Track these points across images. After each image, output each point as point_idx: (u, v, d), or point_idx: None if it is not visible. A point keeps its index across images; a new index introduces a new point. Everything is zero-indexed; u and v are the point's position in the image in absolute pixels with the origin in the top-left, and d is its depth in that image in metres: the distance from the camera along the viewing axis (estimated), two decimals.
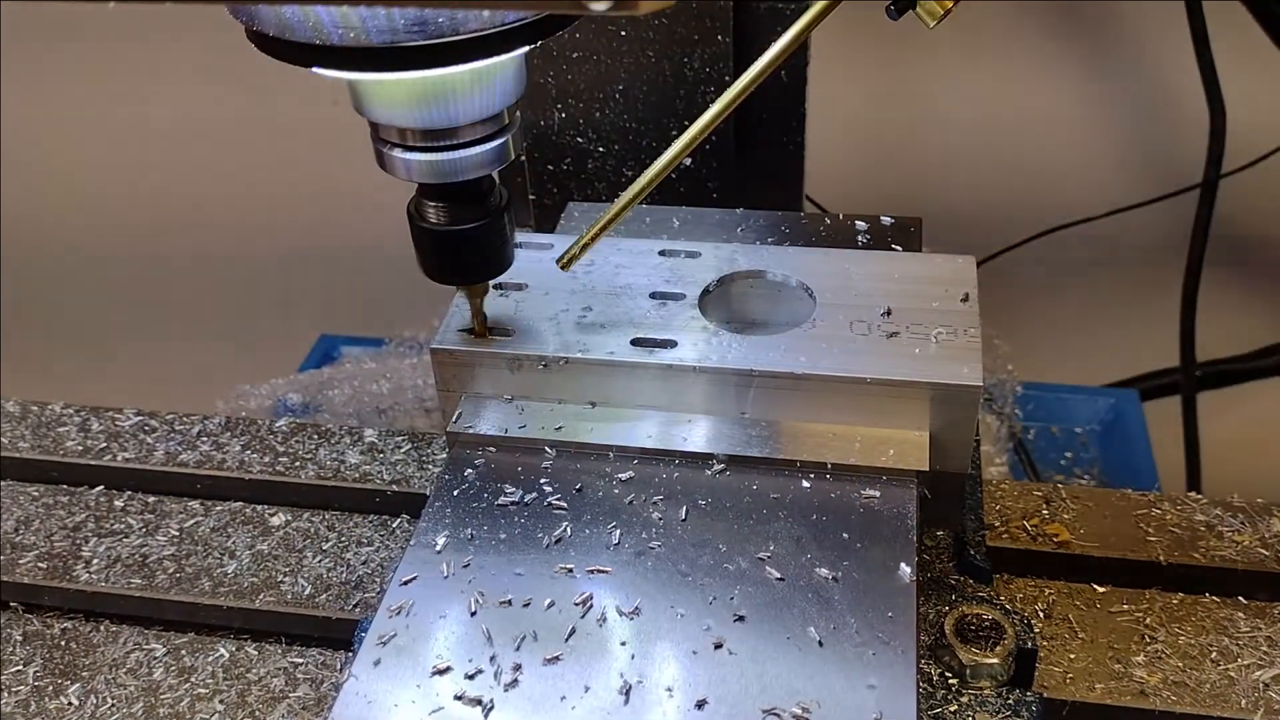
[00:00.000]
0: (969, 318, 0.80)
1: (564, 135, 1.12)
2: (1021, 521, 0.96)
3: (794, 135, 1.20)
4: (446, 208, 0.71)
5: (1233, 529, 0.94)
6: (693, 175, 1.17)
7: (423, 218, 0.72)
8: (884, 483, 0.77)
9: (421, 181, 0.69)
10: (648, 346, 0.77)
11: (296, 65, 0.62)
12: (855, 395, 0.76)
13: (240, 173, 1.94)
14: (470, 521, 0.73)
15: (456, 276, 0.77)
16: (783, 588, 0.72)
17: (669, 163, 0.79)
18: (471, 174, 0.69)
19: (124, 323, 2.12)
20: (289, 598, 0.92)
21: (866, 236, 0.96)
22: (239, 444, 1.03)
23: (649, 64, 1.05)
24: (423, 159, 0.67)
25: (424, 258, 0.74)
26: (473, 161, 0.68)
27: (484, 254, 0.74)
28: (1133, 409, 1.57)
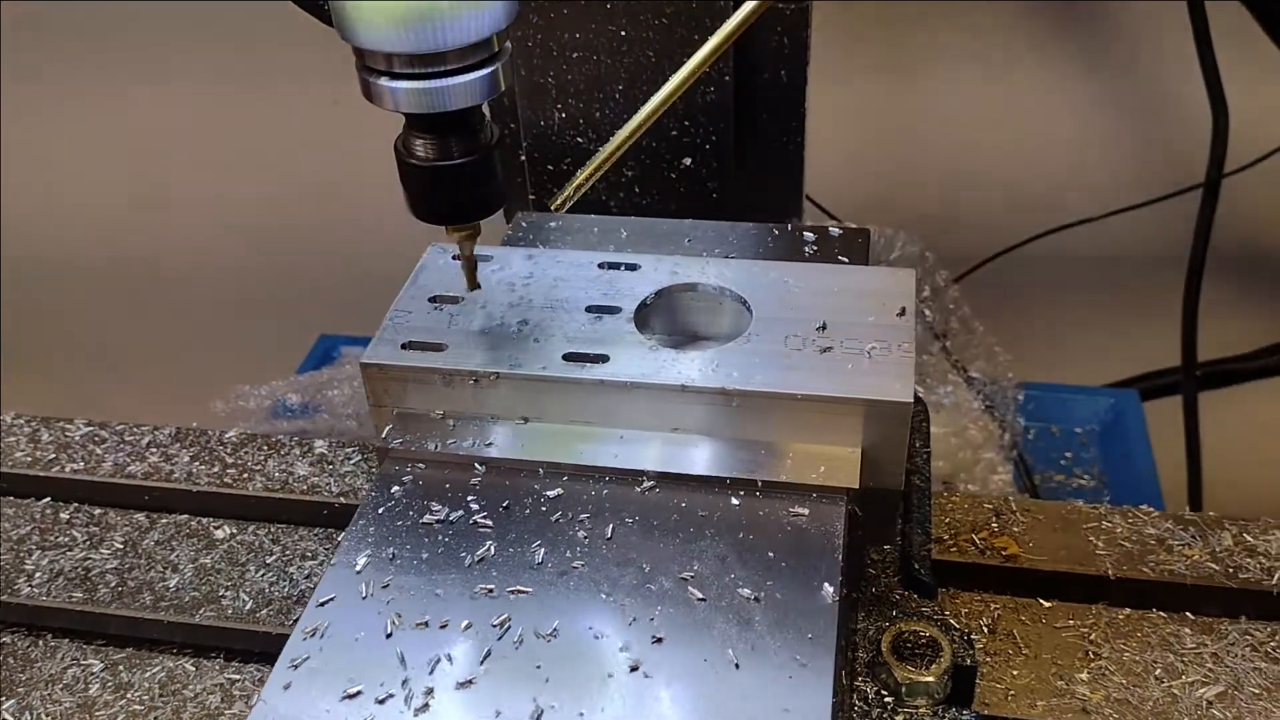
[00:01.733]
0: (904, 332, 0.78)
1: (564, 135, 1.12)
2: (970, 534, 0.95)
3: (794, 135, 1.19)
4: (435, 141, 0.69)
5: (1183, 543, 0.93)
6: (693, 175, 1.17)
7: (410, 153, 0.70)
8: (813, 500, 0.76)
9: (409, 112, 0.67)
10: (580, 361, 0.76)
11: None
12: (787, 411, 0.75)
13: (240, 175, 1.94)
14: (393, 540, 0.72)
15: (446, 215, 0.73)
16: (704, 609, 0.71)
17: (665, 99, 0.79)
18: (461, 103, 0.66)
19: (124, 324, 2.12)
20: (229, 612, 0.92)
21: (814, 248, 0.94)
22: (188, 455, 1.03)
23: (649, 64, 1.05)
24: (410, 87, 0.65)
25: (412, 196, 0.72)
26: (462, 90, 0.65)
27: (475, 191, 0.72)
28: (1133, 409, 1.58)
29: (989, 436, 1.37)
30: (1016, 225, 1.70)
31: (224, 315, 2.07)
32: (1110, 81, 1.65)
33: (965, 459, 1.38)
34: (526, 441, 0.81)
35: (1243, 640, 0.88)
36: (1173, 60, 1.55)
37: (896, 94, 1.71)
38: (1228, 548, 0.92)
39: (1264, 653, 0.86)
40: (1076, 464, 1.57)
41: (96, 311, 2.11)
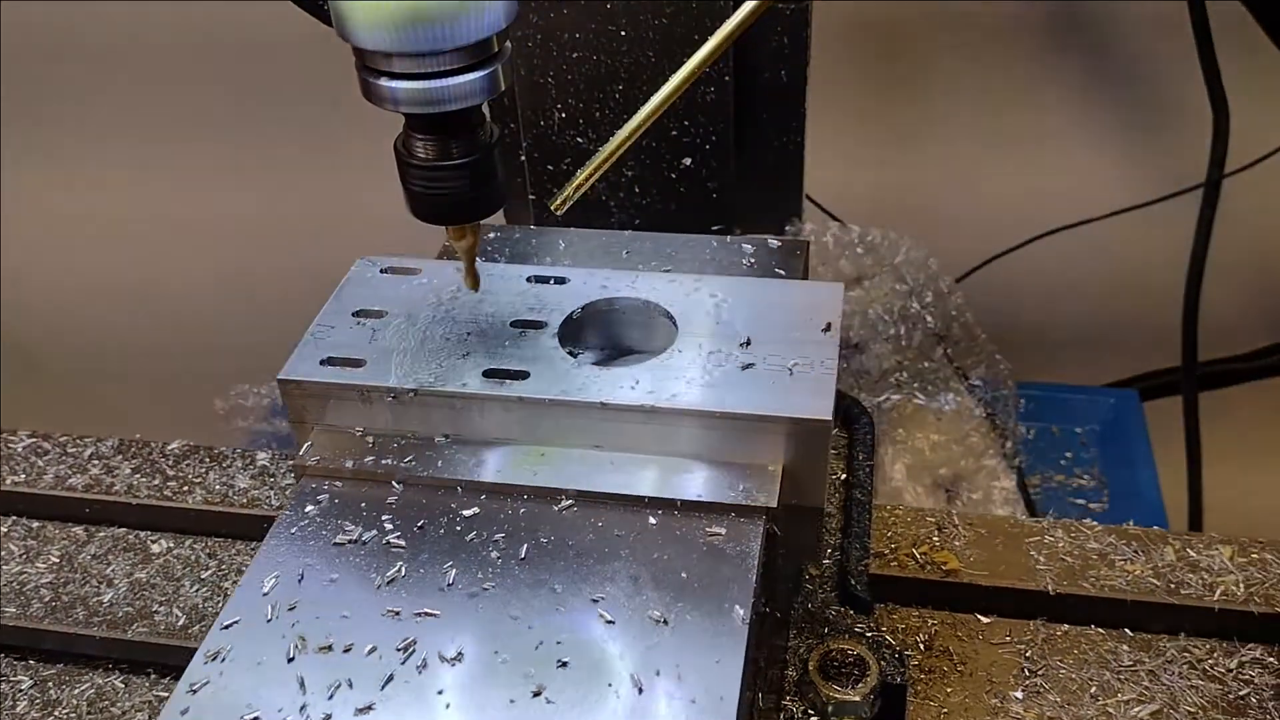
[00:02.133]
0: (828, 348, 0.78)
1: (564, 135, 1.11)
2: (911, 549, 0.94)
3: (794, 135, 1.19)
4: (435, 141, 0.69)
5: (1125, 558, 0.92)
6: (693, 175, 1.16)
7: (410, 153, 0.69)
8: (731, 519, 0.75)
9: (408, 111, 0.67)
10: (500, 378, 0.75)
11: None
12: (707, 429, 0.74)
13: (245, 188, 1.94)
14: (303, 561, 0.71)
15: (445, 215, 0.73)
16: (612, 631, 0.69)
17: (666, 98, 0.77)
18: (460, 103, 0.66)
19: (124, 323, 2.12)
20: (162, 628, 0.91)
21: (751, 260, 0.93)
22: (129, 467, 1.02)
23: (649, 64, 1.04)
24: (409, 87, 0.65)
25: (411, 196, 0.71)
26: (462, 90, 0.65)
27: (475, 191, 0.71)
28: (1133, 409, 1.58)
29: (990, 444, 1.36)
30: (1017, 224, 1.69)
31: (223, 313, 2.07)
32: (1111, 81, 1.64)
33: (967, 466, 1.37)
34: (445, 459, 0.80)
35: (1181, 658, 0.86)
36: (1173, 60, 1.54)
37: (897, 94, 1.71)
38: (1170, 563, 0.91)
39: (1202, 670, 0.85)
40: (1076, 464, 1.56)
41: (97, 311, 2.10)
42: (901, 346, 1.37)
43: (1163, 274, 1.63)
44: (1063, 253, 1.68)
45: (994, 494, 1.38)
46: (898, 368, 1.37)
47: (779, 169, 1.22)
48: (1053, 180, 1.72)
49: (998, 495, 1.38)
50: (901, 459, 1.36)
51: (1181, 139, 1.62)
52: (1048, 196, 1.72)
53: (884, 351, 1.36)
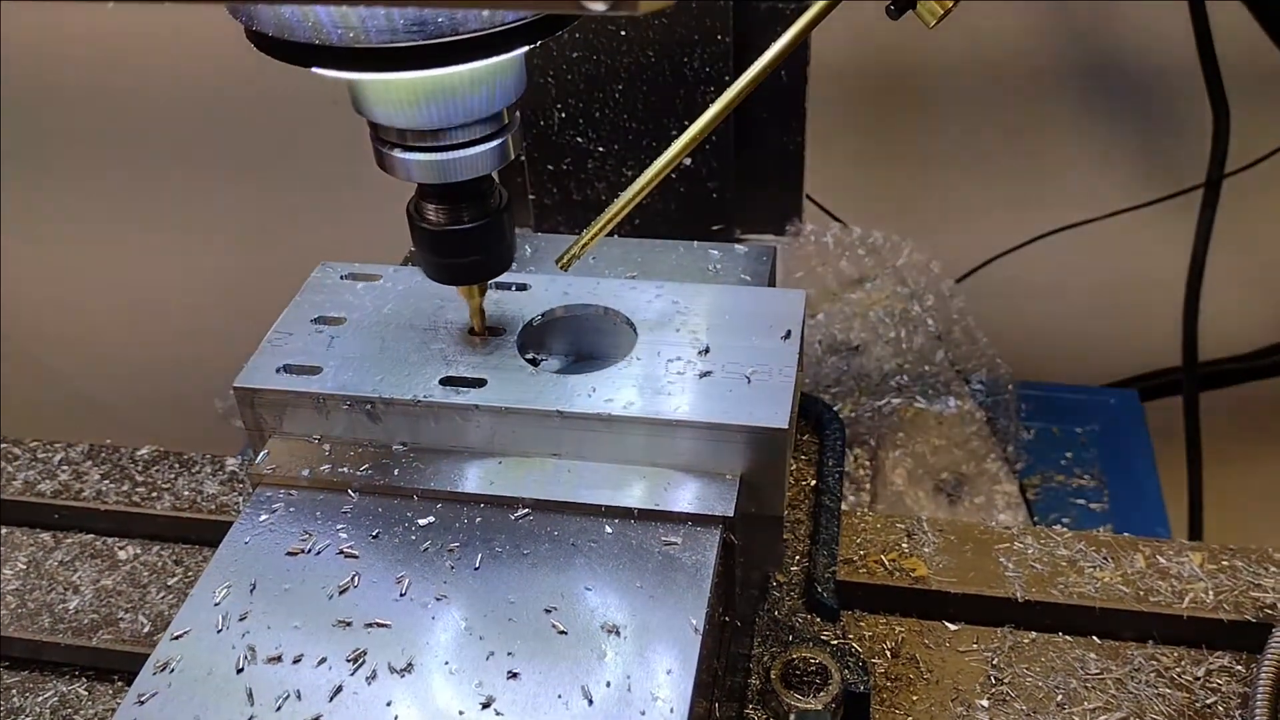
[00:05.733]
0: (787, 356, 0.76)
1: (564, 135, 1.11)
2: (880, 555, 0.93)
3: (794, 135, 1.19)
4: (446, 208, 0.70)
5: (1094, 564, 0.90)
6: (693, 175, 1.15)
7: (423, 218, 0.71)
8: (688, 528, 0.74)
9: (421, 182, 0.69)
10: (457, 386, 0.74)
11: (295, 65, 0.61)
12: (664, 437, 0.72)
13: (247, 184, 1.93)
14: (256, 570, 0.69)
15: (457, 276, 0.75)
16: (564, 642, 0.68)
17: (669, 162, 0.78)
18: (471, 174, 0.68)
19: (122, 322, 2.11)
20: (127, 635, 0.90)
21: (717, 267, 0.92)
22: (99, 473, 1.01)
23: (649, 64, 1.05)
24: (422, 159, 0.66)
25: (424, 258, 0.74)
26: (473, 162, 0.67)
27: (484, 254, 0.73)
28: (1133, 409, 1.57)
29: (992, 447, 1.35)
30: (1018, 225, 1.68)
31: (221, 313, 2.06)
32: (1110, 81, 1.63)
33: (968, 470, 1.36)
34: (402, 468, 0.78)
35: (1148, 665, 0.85)
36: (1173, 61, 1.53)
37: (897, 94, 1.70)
38: (1140, 570, 0.90)
39: (1169, 679, 0.84)
40: (1076, 464, 1.56)
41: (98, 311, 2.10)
42: (902, 349, 1.36)
43: (1163, 274, 1.62)
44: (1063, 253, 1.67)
45: (996, 498, 1.37)
46: (898, 371, 1.36)
47: (779, 169, 1.21)
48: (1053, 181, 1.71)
49: (999, 499, 1.38)
50: (902, 463, 1.35)
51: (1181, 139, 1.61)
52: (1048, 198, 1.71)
53: (885, 354, 1.35)
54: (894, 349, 1.35)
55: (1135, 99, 1.65)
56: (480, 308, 0.79)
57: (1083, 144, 1.69)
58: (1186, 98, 1.54)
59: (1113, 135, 1.68)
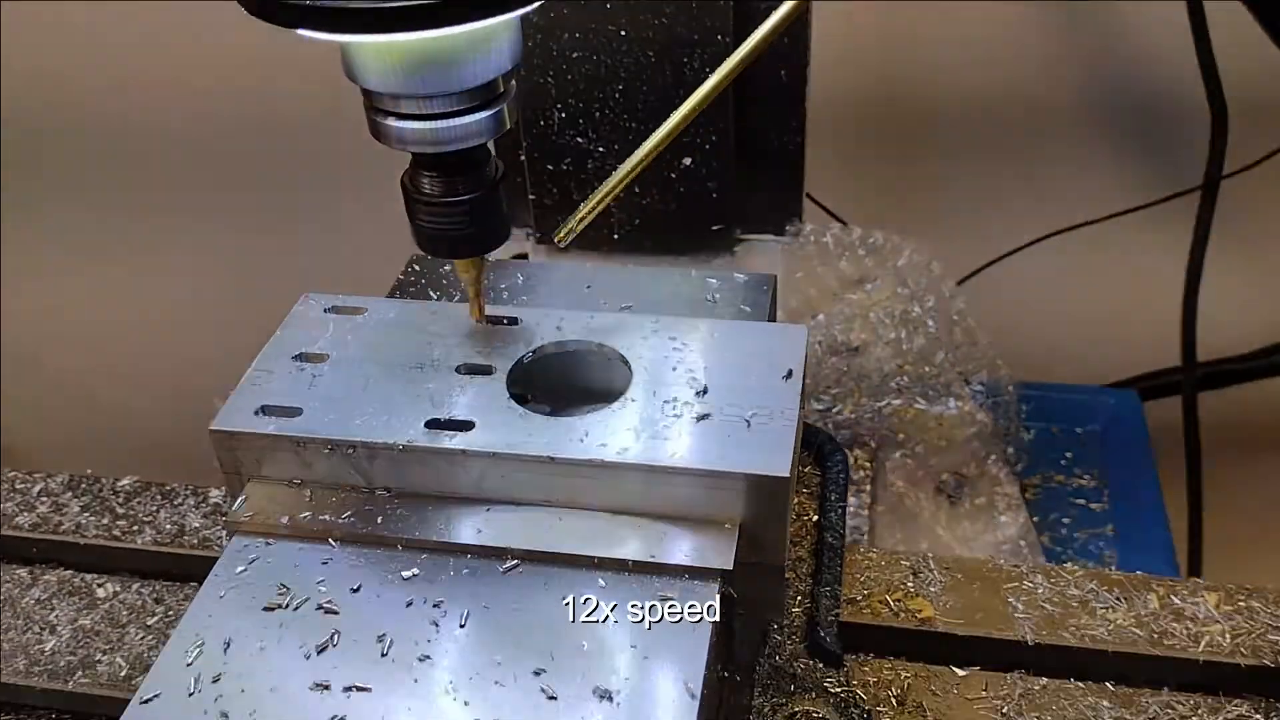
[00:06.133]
0: (789, 397, 0.72)
1: (564, 135, 1.12)
2: (885, 595, 0.89)
3: (794, 135, 1.16)
4: (441, 178, 0.68)
5: (1106, 605, 0.87)
6: (693, 175, 1.13)
7: (416, 189, 0.69)
8: (685, 581, 0.70)
9: (415, 151, 0.67)
10: (443, 429, 0.70)
11: (283, 26, 0.59)
12: (659, 485, 0.69)
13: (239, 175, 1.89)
14: (231, 626, 0.66)
15: (451, 250, 0.73)
16: (553, 709, 0.64)
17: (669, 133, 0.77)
18: (467, 143, 0.66)
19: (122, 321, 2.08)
20: (104, 679, 0.86)
21: (716, 296, 0.88)
22: (79, 505, 0.97)
23: (649, 64, 1.05)
24: (416, 127, 0.65)
25: (418, 231, 0.71)
26: (468, 129, 0.65)
27: (480, 226, 0.71)
28: (1133, 409, 1.55)
29: (992, 449, 1.33)
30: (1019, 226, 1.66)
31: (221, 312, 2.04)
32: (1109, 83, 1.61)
33: (969, 472, 1.33)
34: (385, 515, 0.74)
35: (1164, 714, 0.81)
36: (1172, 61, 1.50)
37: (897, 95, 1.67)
38: (1153, 611, 0.86)
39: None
40: (1076, 464, 1.53)
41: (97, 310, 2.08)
42: (903, 350, 1.33)
43: (1162, 275, 1.60)
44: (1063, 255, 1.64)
45: (997, 500, 1.34)
46: (899, 372, 1.33)
47: (779, 169, 1.19)
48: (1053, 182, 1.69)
49: (1000, 501, 1.35)
50: (903, 465, 1.32)
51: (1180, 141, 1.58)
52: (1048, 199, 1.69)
53: (885, 355, 1.32)
54: (894, 350, 1.33)
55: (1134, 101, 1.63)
56: (478, 289, 0.76)
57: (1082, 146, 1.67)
58: (1185, 99, 1.52)
59: (1112, 137, 1.66)
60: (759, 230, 1.26)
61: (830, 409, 1.34)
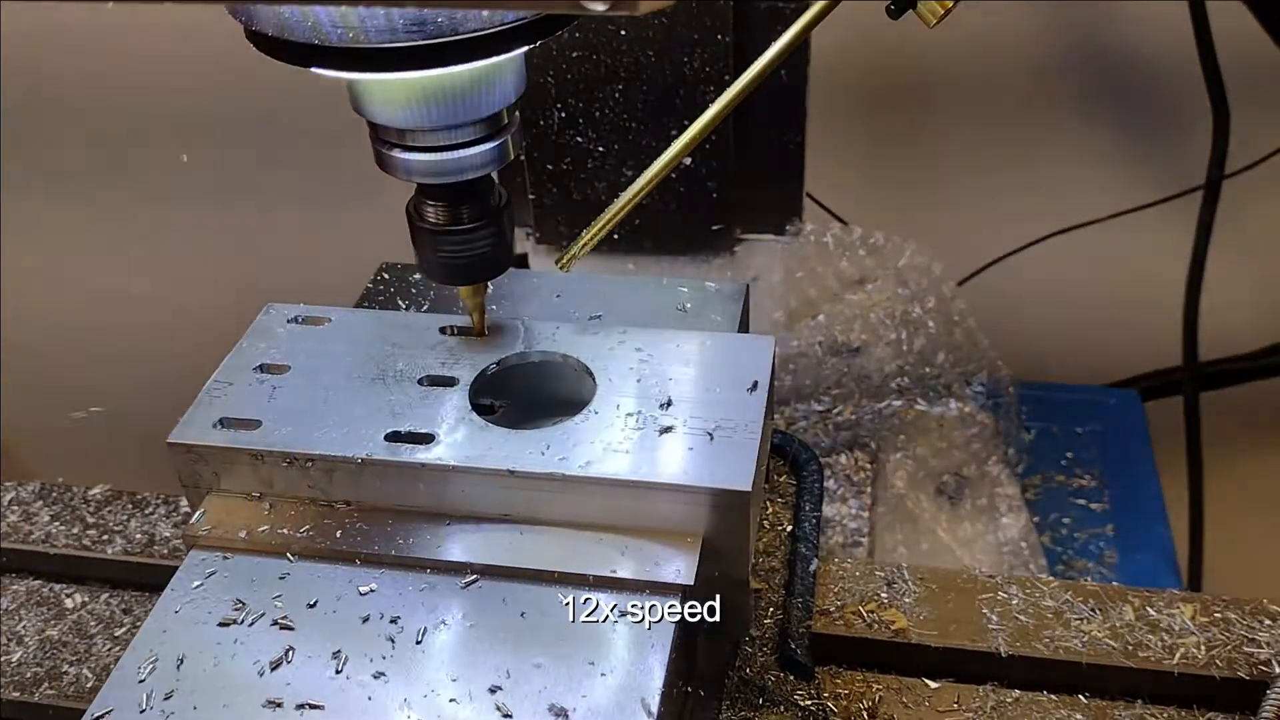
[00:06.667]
0: (753, 410, 0.71)
1: (564, 135, 1.11)
2: (858, 607, 0.88)
3: (794, 135, 1.16)
4: (445, 207, 0.69)
5: (1081, 616, 0.85)
6: (693, 175, 1.13)
7: (421, 217, 0.70)
8: (644, 597, 0.68)
9: (421, 181, 0.68)
10: (404, 442, 0.69)
11: (295, 65, 0.60)
12: (621, 499, 0.68)
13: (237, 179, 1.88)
14: (185, 642, 0.64)
15: (456, 276, 0.73)
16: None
17: (669, 162, 0.77)
18: (471, 174, 0.67)
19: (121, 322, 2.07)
20: (70, 691, 0.85)
21: (686, 305, 0.86)
22: (49, 514, 0.96)
23: (649, 64, 1.04)
24: (422, 159, 0.66)
25: (423, 258, 0.72)
26: (472, 161, 0.66)
27: (484, 254, 0.72)
28: (1133, 409, 1.55)
29: (993, 450, 1.32)
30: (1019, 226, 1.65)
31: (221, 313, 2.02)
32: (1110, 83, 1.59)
33: (970, 473, 1.32)
34: (344, 529, 0.73)
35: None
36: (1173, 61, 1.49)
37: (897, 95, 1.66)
38: (1128, 623, 0.84)
39: None
40: (1077, 464, 1.52)
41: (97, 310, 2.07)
42: (903, 351, 1.32)
43: (1163, 275, 1.59)
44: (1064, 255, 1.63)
45: (998, 501, 1.33)
46: (899, 373, 1.32)
47: (779, 169, 1.19)
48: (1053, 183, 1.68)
49: (1001, 502, 1.34)
50: (903, 465, 1.31)
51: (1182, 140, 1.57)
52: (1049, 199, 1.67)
53: (885, 356, 1.31)
54: (895, 351, 1.32)
55: (1135, 100, 1.61)
56: (481, 306, 0.77)
57: (1084, 145, 1.66)
58: (1186, 99, 1.50)
59: (1113, 137, 1.65)
60: (759, 230, 1.26)
61: (830, 410, 1.33)
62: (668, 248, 1.19)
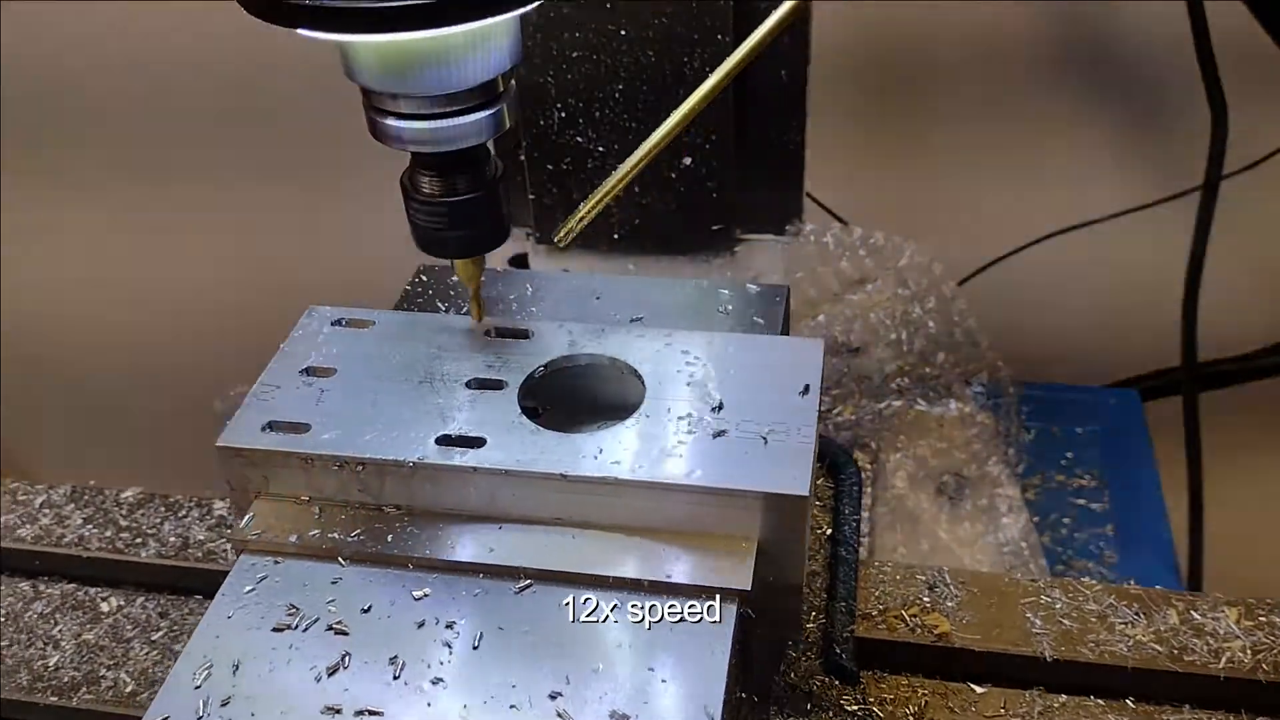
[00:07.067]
0: (806, 414, 0.70)
1: (564, 135, 1.11)
2: (901, 610, 0.87)
3: (794, 135, 1.16)
4: (440, 178, 0.67)
5: (1126, 620, 0.84)
6: (693, 175, 1.12)
7: (416, 189, 0.69)
8: (701, 602, 0.68)
9: (415, 150, 0.66)
10: (455, 445, 0.68)
11: (283, 26, 0.58)
12: (675, 503, 0.67)
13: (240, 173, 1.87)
14: (240, 648, 0.64)
15: (451, 250, 0.72)
16: None
17: (669, 132, 0.76)
18: (466, 142, 0.65)
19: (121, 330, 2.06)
20: (109, 695, 0.84)
21: (728, 307, 0.86)
22: (81, 516, 0.95)
23: (649, 64, 1.04)
24: (416, 126, 0.64)
25: (418, 231, 0.71)
26: (468, 129, 0.65)
27: (480, 225, 0.70)
28: (1133, 409, 1.53)
29: (993, 450, 1.31)
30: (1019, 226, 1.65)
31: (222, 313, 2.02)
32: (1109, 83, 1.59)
33: (970, 473, 1.31)
34: (395, 534, 0.72)
35: None
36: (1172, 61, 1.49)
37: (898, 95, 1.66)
38: (1173, 627, 0.84)
39: None
40: (1077, 464, 1.51)
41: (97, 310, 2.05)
42: (903, 352, 1.32)
43: (1162, 275, 1.58)
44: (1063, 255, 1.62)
45: (998, 502, 1.32)
46: (900, 373, 1.32)
47: (779, 169, 1.18)
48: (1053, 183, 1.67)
49: (1001, 503, 1.32)
50: (904, 466, 1.31)
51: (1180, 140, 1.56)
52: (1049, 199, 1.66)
53: (886, 356, 1.31)
54: (895, 351, 1.31)
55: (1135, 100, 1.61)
56: (478, 291, 0.76)
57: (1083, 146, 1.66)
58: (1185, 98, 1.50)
59: (1113, 137, 1.65)
60: (759, 230, 1.25)
61: (831, 410, 1.32)
62: (668, 248, 1.19)
